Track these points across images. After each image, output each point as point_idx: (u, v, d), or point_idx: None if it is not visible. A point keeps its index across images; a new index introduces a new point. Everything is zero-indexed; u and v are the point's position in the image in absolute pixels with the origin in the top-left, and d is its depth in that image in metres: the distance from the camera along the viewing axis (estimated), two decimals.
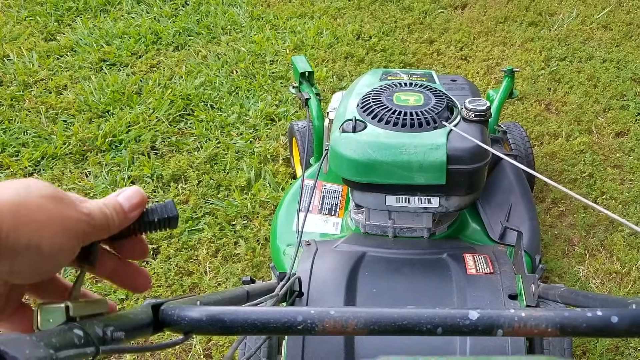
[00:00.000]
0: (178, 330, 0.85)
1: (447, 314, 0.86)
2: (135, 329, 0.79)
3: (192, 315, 0.84)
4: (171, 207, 0.81)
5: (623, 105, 3.94)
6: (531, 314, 0.86)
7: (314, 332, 0.85)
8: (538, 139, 3.68)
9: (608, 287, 2.95)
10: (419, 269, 2.00)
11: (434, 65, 4.24)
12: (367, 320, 0.85)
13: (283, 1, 4.87)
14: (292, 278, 1.72)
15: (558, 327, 0.86)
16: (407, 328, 0.86)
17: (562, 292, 1.34)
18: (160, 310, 0.85)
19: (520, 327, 0.86)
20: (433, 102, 2.05)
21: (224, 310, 0.85)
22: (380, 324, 0.85)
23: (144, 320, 0.82)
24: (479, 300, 1.82)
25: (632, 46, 4.46)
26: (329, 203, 2.38)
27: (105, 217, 0.73)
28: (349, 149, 1.96)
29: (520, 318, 0.86)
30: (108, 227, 0.74)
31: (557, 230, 3.19)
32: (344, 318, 0.85)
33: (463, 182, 1.98)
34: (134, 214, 0.78)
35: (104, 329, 0.72)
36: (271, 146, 3.54)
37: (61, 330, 0.66)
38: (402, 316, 0.85)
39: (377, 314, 0.85)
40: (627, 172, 3.51)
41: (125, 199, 0.77)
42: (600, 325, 0.86)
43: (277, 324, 0.85)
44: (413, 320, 0.85)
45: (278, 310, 0.86)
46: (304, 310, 0.86)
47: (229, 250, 3.01)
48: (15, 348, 0.55)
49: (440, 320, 0.86)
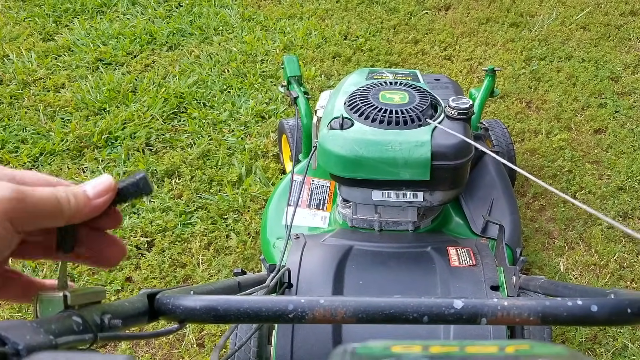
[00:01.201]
0: (173, 318, 0.85)
1: (433, 303, 0.86)
2: (131, 317, 0.79)
3: (186, 304, 0.84)
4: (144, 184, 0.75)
5: (601, 103, 3.95)
6: (514, 303, 0.86)
7: (304, 321, 0.85)
8: (519, 136, 3.69)
9: (587, 279, 2.96)
10: (404, 261, 2.00)
11: (418, 65, 4.25)
12: (355, 309, 0.85)
13: (273, 3, 4.87)
14: (282, 270, 1.73)
15: (540, 316, 0.86)
16: (394, 317, 0.86)
17: (543, 283, 1.35)
18: (156, 299, 0.85)
19: (503, 316, 0.86)
20: (417, 101, 2.06)
21: (217, 299, 0.85)
22: (369, 313, 0.85)
23: (140, 309, 0.82)
24: (462, 291, 1.83)
25: (610, 46, 4.47)
26: (317, 198, 2.38)
27: (55, 200, 0.66)
28: (337, 146, 1.96)
29: (503, 307, 0.86)
30: (60, 211, 0.66)
31: (538, 224, 3.20)
32: (333, 307, 0.85)
33: (447, 177, 1.99)
34: (99, 201, 0.71)
35: (101, 317, 0.72)
36: (261, 143, 3.53)
37: (60, 317, 0.66)
38: (389, 305, 0.86)
39: (366, 303, 0.86)
40: (605, 167, 3.52)
41: (91, 186, 0.71)
42: (581, 314, 0.86)
43: (269, 313, 0.85)
44: (400, 309, 0.85)
45: (270, 299, 0.86)
46: (295, 299, 0.86)
47: (221, 243, 3.01)
48: (16, 334, 0.55)
49: (426, 309, 0.86)
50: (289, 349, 1.65)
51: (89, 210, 0.70)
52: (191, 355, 2.59)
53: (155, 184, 3.30)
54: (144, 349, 2.63)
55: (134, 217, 3.09)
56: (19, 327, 0.57)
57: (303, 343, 1.66)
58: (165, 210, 3.13)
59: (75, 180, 3.27)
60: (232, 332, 1.56)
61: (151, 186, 0.76)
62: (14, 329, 0.56)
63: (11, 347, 0.54)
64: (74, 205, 0.68)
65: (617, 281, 2.95)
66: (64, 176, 3.29)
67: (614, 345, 2.68)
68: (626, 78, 4.18)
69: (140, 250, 2.97)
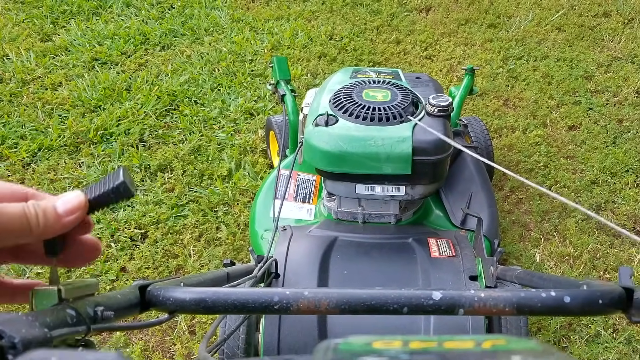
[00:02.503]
0: (163, 309, 0.85)
1: (412, 295, 0.87)
2: (123, 308, 0.79)
3: (176, 295, 0.84)
4: (124, 189, 0.73)
5: (575, 101, 3.96)
6: (490, 295, 0.87)
7: (289, 312, 0.86)
8: (497, 132, 3.70)
9: (561, 269, 2.98)
10: (386, 252, 2.01)
11: (400, 64, 4.25)
12: (338, 301, 0.86)
13: (261, 5, 4.86)
14: (269, 260, 1.73)
15: (515, 307, 0.86)
16: (376, 308, 0.86)
17: (519, 274, 1.35)
18: (147, 291, 0.85)
19: (480, 307, 0.87)
20: (399, 98, 2.06)
21: (206, 291, 0.86)
22: (351, 304, 0.86)
23: (131, 301, 0.82)
24: (442, 281, 1.83)
25: (584, 46, 4.49)
26: (303, 191, 2.38)
27: (24, 217, 0.65)
28: (322, 142, 1.96)
29: (480, 298, 0.87)
30: (29, 229, 0.66)
31: (515, 216, 3.21)
32: (316, 298, 0.85)
33: (427, 172, 2.00)
34: (70, 218, 0.69)
35: (94, 309, 0.72)
36: (250, 139, 3.54)
37: (55, 311, 0.66)
38: (370, 296, 0.86)
39: (348, 294, 0.86)
40: (579, 162, 3.53)
41: (62, 203, 0.69)
42: (554, 305, 0.86)
43: (255, 304, 0.85)
44: (381, 301, 0.86)
45: (256, 291, 0.87)
46: (280, 291, 0.86)
47: (212, 234, 3.01)
48: (12, 327, 0.55)
49: (406, 300, 0.86)
50: (276, 337, 1.65)
51: (59, 227, 0.69)
52: (183, 342, 2.60)
53: (149, 178, 3.30)
54: (137, 336, 2.63)
55: (128, 209, 3.09)
56: (14, 321, 0.57)
57: (290, 331, 1.66)
58: (158, 203, 3.13)
59: (71, 174, 3.27)
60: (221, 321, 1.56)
61: (132, 190, 0.73)
62: (9, 322, 0.56)
63: (7, 340, 0.54)
64: (43, 223, 0.67)
65: (591, 271, 2.97)
66: (61, 171, 3.30)
67: (588, 333, 2.69)
68: (599, 77, 4.20)
69: (134, 242, 2.97)
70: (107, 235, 2.96)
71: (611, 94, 4.05)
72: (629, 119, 3.84)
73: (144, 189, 3.23)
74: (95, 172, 3.29)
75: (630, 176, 3.43)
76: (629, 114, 3.87)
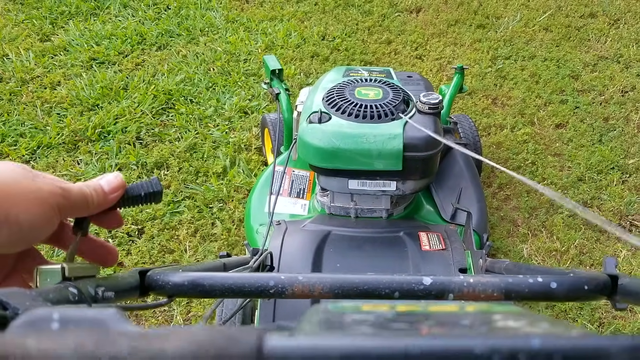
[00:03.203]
0: (162, 293, 0.86)
1: (404, 280, 0.88)
2: (124, 290, 0.80)
3: (174, 280, 0.85)
4: (155, 182, 0.83)
5: (562, 100, 3.98)
6: (479, 280, 0.88)
7: (284, 296, 0.86)
8: (485, 130, 3.71)
9: (549, 264, 2.99)
10: (378, 246, 2.02)
11: (391, 63, 4.26)
12: (332, 285, 0.86)
13: (255, 6, 4.86)
14: (265, 253, 1.74)
15: (503, 292, 0.87)
16: (368, 292, 0.87)
17: (507, 266, 1.36)
18: (147, 276, 0.86)
19: (469, 292, 0.88)
20: (391, 96, 2.07)
21: (203, 275, 0.87)
22: (344, 289, 0.87)
23: (131, 284, 0.83)
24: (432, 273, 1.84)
25: (571, 46, 4.50)
26: (297, 187, 2.39)
27: (84, 195, 0.75)
28: (316, 139, 1.97)
29: (469, 284, 0.88)
30: (87, 204, 0.76)
31: (503, 213, 3.22)
32: (311, 283, 0.86)
33: (418, 167, 2.01)
34: (114, 195, 0.80)
35: (96, 289, 0.73)
36: (245, 137, 3.54)
37: (58, 288, 0.67)
38: (363, 281, 0.87)
39: (341, 279, 0.87)
40: (565, 160, 3.55)
41: (106, 182, 0.80)
42: (541, 290, 0.87)
43: (252, 288, 0.86)
44: (373, 286, 0.87)
45: (252, 275, 0.88)
46: (275, 276, 0.87)
47: (207, 230, 3.02)
48: (16, 300, 0.56)
49: (398, 286, 0.87)
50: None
51: (107, 203, 0.80)
52: None
53: (145, 175, 3.30)
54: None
55: None
56: (19, 295, 0.58)
57: (284, 318, 1.67)
58: None
59: (70, 171, 3.28)
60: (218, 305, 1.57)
61: (161, 198, 0.84)
62: (14, 295, 0.57)
63: (12, 311, 0.55)
64: (96, 199, 0.77)
65: (577, 266, 2.98)
66: (60, 168, 3.30)
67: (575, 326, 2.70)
68: (586, 76, 4.21)
69: (131, 237, 2.97)
70: (105, 231, 2.96)
71: (597, 93, 4.06)
72: (614, 117, 3.85)
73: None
74: (93, 170, 3.29)
75: (615, 173, 3.45)
76: (615, 112, 3.89)
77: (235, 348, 0.42)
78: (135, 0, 4.79)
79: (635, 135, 3.74)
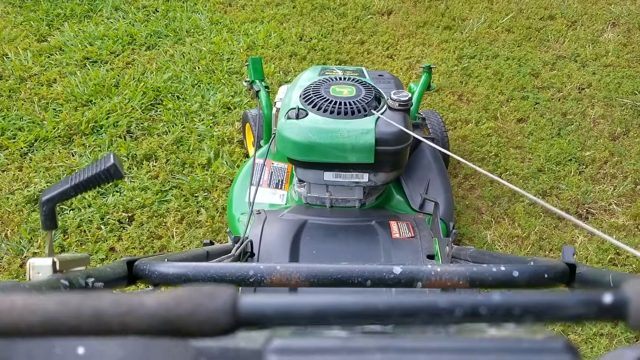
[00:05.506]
0: (149, 282, 0.86)
1: (375, 269, 0.88)
2: (112, 280, 0.80)
3: (161, 270, 0.85)
4: (114, 170, 0.78)
5: (523, 96, 4.00)
6: (445, 269, 0.88)
7: (263, 284, 0.87)
8: (452, 124, 3.73)
9: (511, 249, 3.01)
10: (352, 233, 2.03)
11: (364, 63, 4.26)
12: (307, 275, 0.87)
13: (237, 8, 4.84)
14: (246, 241, 1.74)
15: (468, 280, 0.88)
16: (342, 281, 0.87)
17: (472, 253, 1.37)
18: (134, 265, 0.86)
19: (437, 280, 0.88)
20: (363, 94, 2.08)
21: (188, 265, 0.87)
22: (319, 278, 0.87)
23: (120, 274, 0.83)
24: (402, 260, 1.85)
25: (531, 46, 4.52)
26: (276, 178, 2.39)
27: None
28: (293, 133, 1.98)
29: (437, 272, 0.88)
30: None
31: (468, 201, 3.24)
32: (288, 272, 0.87)
33: (389, 160, 2.02)
34: None
35: (86, 280, 0.73)
36: (228, 130, 3.53)
37: (50, 280, 0.67)
38: (337, 271, 0.87)
39: (316, 269, 0.87)
40: (526, 152, 3.57)
41: None
42: (504, 278, 0.88)
43: (232, 277, 0.86)
44: (346, 274, 0.87)
45: (233, 265, 0.88)
46: (255, 265, 0.87)
47: (192, 217, 3.02)
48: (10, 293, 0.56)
49: (369, 274, 0.87)
50: None
51: None
52: None
53: (135, 166, 3.29)
54: None
55: (117, 195, 3.09)
56: (12, 288, 0.58)
57: None
58: (144, 189, 3.13)
59: (65, 163, 3.27)
60: None
61: (121, 172, 0.78)
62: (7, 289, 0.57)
63: None
64: None
65: (537, 251, 3.00)
66: (56, 160, 3.29)
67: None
68: (545, 74, 4.23)
69: (122, 224, 2.97)
70: (98, 218, 2.95)
71: (556, 90, 4.08)
72: (572, 113, 3.88)
73: (130, 176, 3.23)
74: (87, 161, 3.28)
75: (573, 164, 3.47)
76: (572, 107, 3.91)
77: (212, 302, 0.42)
78: (126, 4, 4.75)
79: (592, 129, 3.76)
